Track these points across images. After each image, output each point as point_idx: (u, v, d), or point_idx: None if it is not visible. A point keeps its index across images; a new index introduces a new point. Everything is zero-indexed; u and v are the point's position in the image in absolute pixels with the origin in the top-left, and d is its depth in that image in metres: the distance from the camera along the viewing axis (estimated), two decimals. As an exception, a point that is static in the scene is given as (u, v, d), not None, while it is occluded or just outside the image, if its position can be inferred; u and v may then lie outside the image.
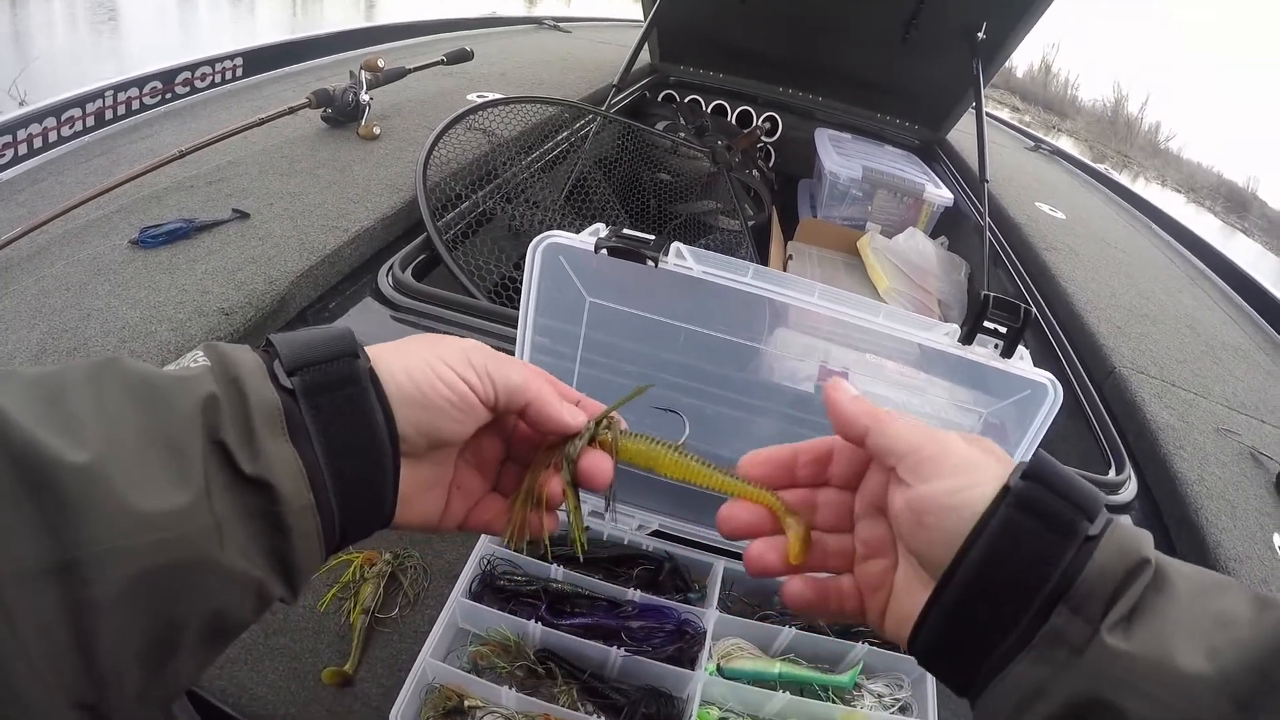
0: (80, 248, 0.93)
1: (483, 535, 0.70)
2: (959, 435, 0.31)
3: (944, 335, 0.54)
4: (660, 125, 2.01)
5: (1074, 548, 0.26)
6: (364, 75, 1.37)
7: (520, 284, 0.58)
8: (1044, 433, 0.54)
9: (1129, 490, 0.91)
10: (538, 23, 2.85)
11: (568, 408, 0.34)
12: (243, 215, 1.01)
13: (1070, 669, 0.25)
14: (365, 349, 0.31)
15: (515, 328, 0.60)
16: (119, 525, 0.22)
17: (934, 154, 2.25)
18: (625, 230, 0.53)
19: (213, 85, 1.51)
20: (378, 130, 1.33)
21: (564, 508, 0.36)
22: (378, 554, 0.73)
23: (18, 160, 1.14)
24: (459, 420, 0.32)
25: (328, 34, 1.86)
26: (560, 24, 2.85)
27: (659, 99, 2.29)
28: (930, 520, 0.29)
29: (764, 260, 1.73)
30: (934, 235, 1.93)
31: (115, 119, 1.31)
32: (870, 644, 0.64)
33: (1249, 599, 0.26)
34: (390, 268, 0.98)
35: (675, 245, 0.53)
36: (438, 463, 0.34)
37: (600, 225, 0.55)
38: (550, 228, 0.56)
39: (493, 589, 0.67)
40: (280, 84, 1.60)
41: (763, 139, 2.31)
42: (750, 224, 1.82)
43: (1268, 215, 13.60)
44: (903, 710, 0.62)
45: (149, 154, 1.13)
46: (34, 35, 5.76)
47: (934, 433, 0.31)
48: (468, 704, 0.59)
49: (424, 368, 0.31)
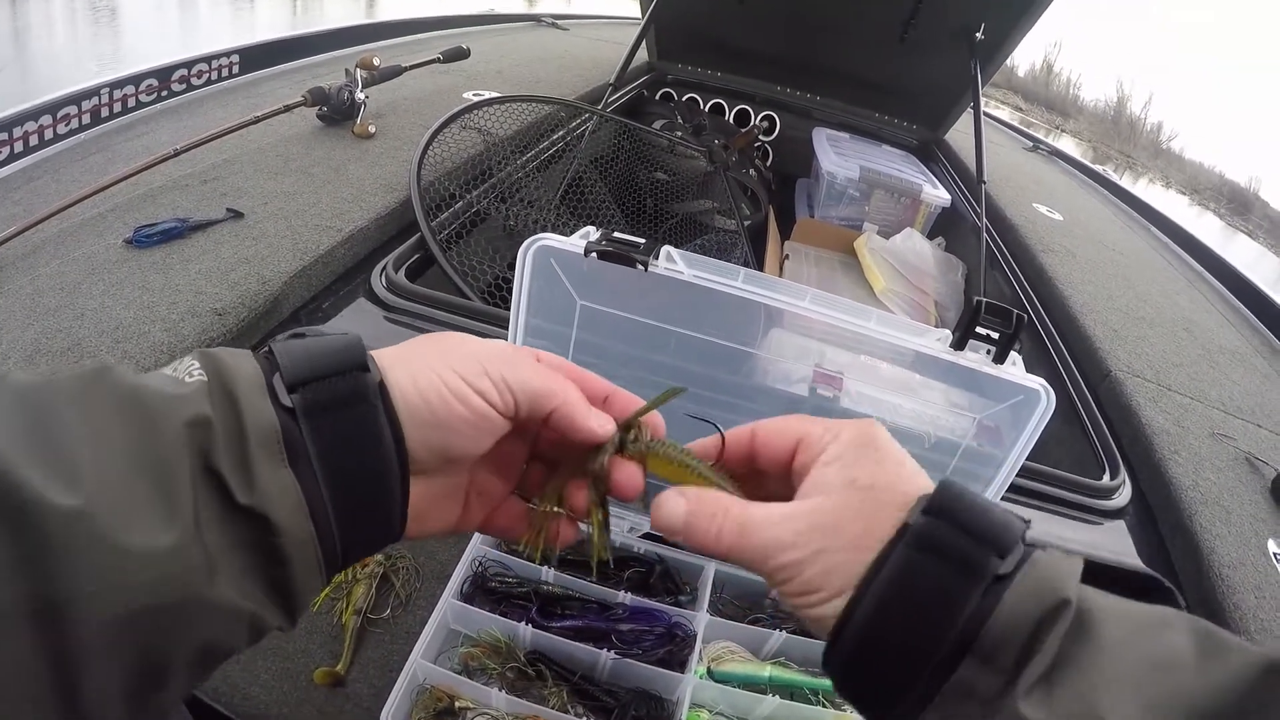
0: (75, 247, 0.93)
1: (475, 536, 0.70)
2: (810, 528, 0.27)
3: (936, 341, 0.54)
4: (657, 124, 2.01)
5: (980, 589, 0.24)
6: (359, 73, 1.37)
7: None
8: (1036, 439, 0.54)
9: (1123, 495, 0.91)
10: (536, 20, 2.84)
11: (596, 416, 0.32)
12: (237, 215, 1.00)
13: None
14: (374, 357, 0.28)
15: (507, 329, 0.60)
16: (101, 566, 0.20)
17: (932, 154, 2.25)
18: (615, 234, 0.53)
19: (209, 83, 1.51)
20: (373, 129, 1.33)
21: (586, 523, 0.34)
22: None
23: (14, 157, 1.14)
24: (474, 437, 0.29)
25: (325, 31, 1.86)
26: (558, 21, 2.84)
27: (656, 97, 2.28)
28: (809, 624, 0.27)
29: (760, 260, 1.73)
30: (931, 236, 1.93)
31: (111, 116, 1.31)
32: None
33: (1192, 635, 0.23)
34: (384, 268, 0.98)
35: (665, 249, 0.53)
36: (453, 474, 0.32)
37: (591, 228, 0.55)
38: (545, 228, 0.56)
39: (484, 590, 0.67)
40: (276, 82, 1.59)
41: (760, 138, 2.31)
42: (747, 224, 1.82)
43: (1269, 216, 13.61)
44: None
45: (145, 152, 1.13)
46: (33, 32, 5.75)
47: (775, 550, 0.27)
48: (458, 705, 0.59)
49: (434, 380, 0.28)
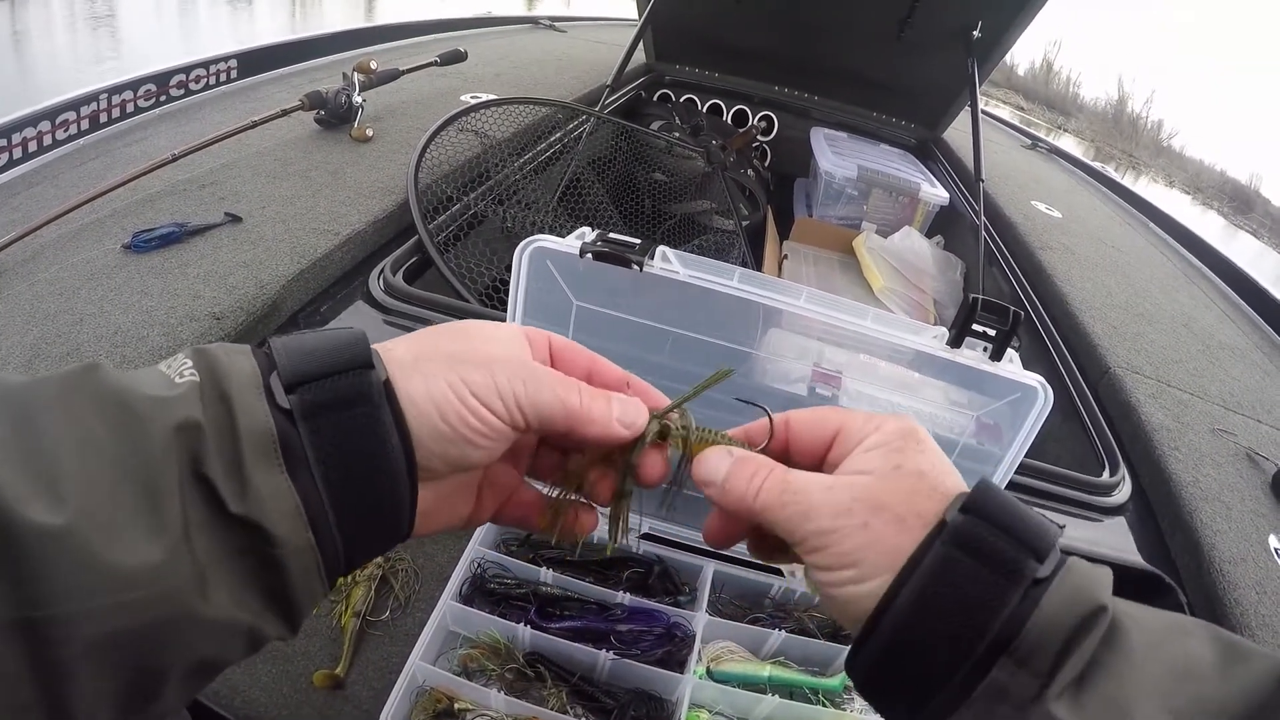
0: (73, 252, 0.93)
1: (473, 538, 0.70)
2: (856, 500, 0.27)
3: (933, 338, 0.54)
4: (655, 125, 2.01)
5: (1019, 592, 0.24)
6: (357, 77, 1.37)
7: (513, 286, 0.57)
8: (1034, 436, 0.54)
9: (1123, 492, 0.91)
10: (533, 22, 2.85)
11: (619, 407, 0.30)
12: (235, 219, 1.01)
13: None
14: (380, 354, 0.27)
15: None
16: (81, 587, 0.19)
17: (930, 153, 2.25)
18: (611, 234, 0.53)
19: (207, 87, 1.51)
20: (370, 132, 1.33)
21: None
22: (369, 557, 0.73)
23: (13, 163, 1.14)
24: (486, 448, 0.28)
25: (322, 35, 1.86)
26: (556, 23, 2.84)
27: (654, 98, 2.28)
28: (836, 606, 0.27)
29: (759, 260, 1.73)
30: (929, 234, 1.93)
31: (110, 122, 1.31)
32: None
33: (1212, 644, 0.23)
34: (381, 271, 0.98)
35: (661, 249, 0.53)
36: (462, 475, 0.31)
37: (587, 229, 0.55)
38: (543, 229, 0.56)
39: (483, 592, 0.67)
40: (274, 86, 1.60)
41: (758, 138, 2.31)
42: (745, 224, 1.82)
43: (1270, 213, 13.61)
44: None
45: (143, 157, 1.13)
46: (32, 36, 5.77)
47: (818, 514, 0.27)
48: (458, 707, 0.59)
49: (449, 396, 0.27)
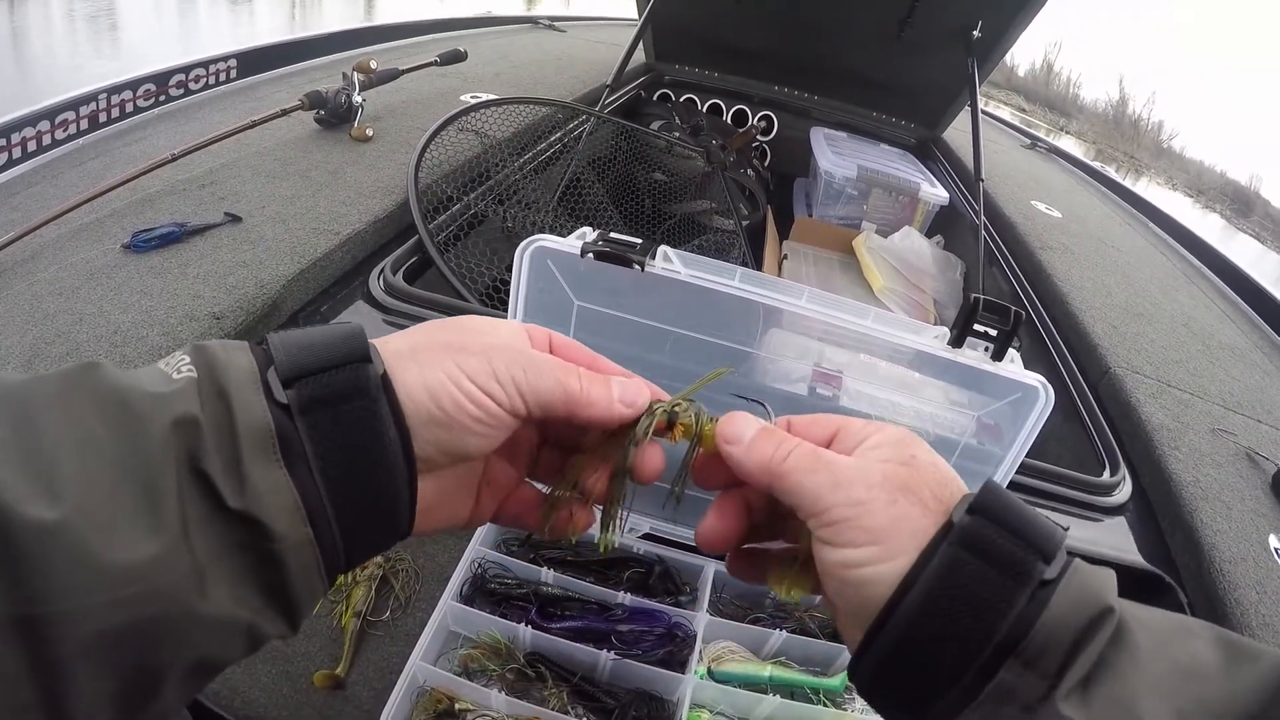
0: (73, 252, 0.93)
1: (474, 538, 0.70)
2: (885, 478, 0.27)
3: (934, 338, 0.54)
4: (655, 125, 2.01)
5: (1026, 593, 0.24)
6: (356, 77, 1.37)
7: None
8: (1035, 436, 0.54)
9: (1123, 492, 0.91)
10: (533, 22, 2.84)
11: (617, 403, 0.31)
12: (235, 219, 1.01)
13: None
14: (378, 348, 0.27)
15: None
16: (78, 584, 0.19)
17: (930, 153, 2.25)
18: (612, 234, 0.53)
19: (207, 87, 1.51)
20: (370, 132, 1.33)
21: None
22: (369, 557, 0.73)
23: (13, 163, 1.14)
24: (485, 435, 0.29)
25: (321, 35, 1.86)
26: (555, 23, 2.84)
27: (654, 98, 2.28)
28: (850, 590, 0.27)
29: (759, 260, 1.73)
30: (929, 234, 1.93)
31: (110, 121, 1.31)
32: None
33: (1217, 644, 0.24)
34: (381, 271, 0.98)
35: (662, 249, 0.53)
36: (464, 467, 0.31)
37: (587, 229, 0.55)
38: (543, 229, 0.56)
39: (483, 592, 0.67)
40: (274, 86, 1.59)
41: (758, 138, 2.31)
42: (745, 223, 1.82)
43: (1271, 215, 13.63)
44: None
45: (143, 157, 1.13)
46: (31, 36, 5.76)
47: (849, 483, 0.27)
48: (458, 707, 0.59)
49: (445, 383, 0.27)
